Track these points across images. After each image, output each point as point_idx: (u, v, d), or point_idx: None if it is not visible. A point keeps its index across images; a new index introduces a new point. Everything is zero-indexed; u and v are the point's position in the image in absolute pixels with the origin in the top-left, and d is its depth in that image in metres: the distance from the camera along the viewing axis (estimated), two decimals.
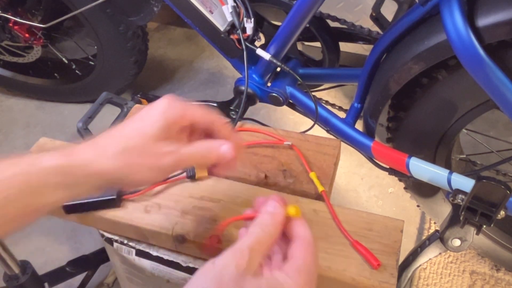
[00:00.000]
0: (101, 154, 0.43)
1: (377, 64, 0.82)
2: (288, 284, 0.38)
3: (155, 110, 0.45)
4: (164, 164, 0.45)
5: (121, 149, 0.43)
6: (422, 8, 0.70)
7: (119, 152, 0.43)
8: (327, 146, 0.70)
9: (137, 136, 0.44)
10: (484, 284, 1.09)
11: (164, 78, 1.68)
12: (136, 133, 0.44)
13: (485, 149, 1.11)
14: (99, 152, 0.43)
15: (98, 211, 0.63)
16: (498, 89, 0.65)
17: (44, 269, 0.97)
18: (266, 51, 0.90)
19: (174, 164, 0.45)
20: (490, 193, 0.55)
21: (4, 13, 1.29)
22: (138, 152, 0.43)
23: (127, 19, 1.23)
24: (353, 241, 0.58)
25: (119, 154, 0.43)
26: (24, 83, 1.58)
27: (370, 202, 1.29)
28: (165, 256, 0.64)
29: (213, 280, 0.36)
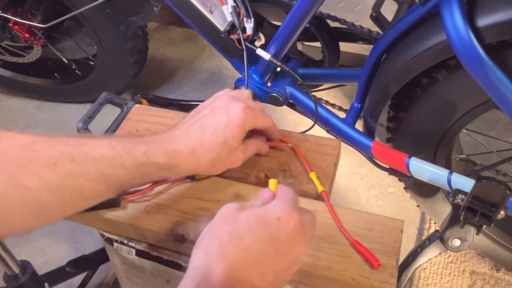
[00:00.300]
0: (199, 163, 0.57)
1: (377, 64, 0.82)
2: (275, 206, 0.47)
3: (235, 123, 0.58)
4: (237, 164, 0.61)
5: (212, 160, 0.57)
6: (422, 8, 0.70)
7: (210, 162, 0.57)
8: (327, 146, 0.70)
9: (224, 150, 0.58)
10: (484, 284, 1.09)
11: (164, 78, 1.68)
12: (224, 147, 0.58)
13: (485, 149, 1.11)
14: (197, 161, 0.57)
15: (98, 211, 0.63)
16: (498, 89, 0.65)
17: (44, 269, 0.97)
18: (266, 51, 0.90)
19: (242, 162, 0.62)
20: (490, 193, 0.55)
21: (4, 13, 1.29)
22: (223, 161, 0.59)
23: (127, 19, 1.24)
24: (353, 241, 0.58)
25: (210, 163, 0.58)
26: (24, 83, 1.57)
27: (370, 202, 1.29)
28: (165, 256, 0.64)
29: (217, 218, 0.47)
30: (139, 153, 0.53)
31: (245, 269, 0.42)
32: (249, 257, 0.43)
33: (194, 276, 0.42)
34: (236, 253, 0.43)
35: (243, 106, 0.59)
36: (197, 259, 0.43)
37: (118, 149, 0.53)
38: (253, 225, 0.44)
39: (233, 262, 0.42)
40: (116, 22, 1.27)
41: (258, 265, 0.43)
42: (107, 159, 0.52)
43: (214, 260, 0.42)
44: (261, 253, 0.43)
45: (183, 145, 0.56)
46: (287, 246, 0.45)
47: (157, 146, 0.55)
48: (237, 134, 0.58)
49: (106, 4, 1.19)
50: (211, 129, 0.57)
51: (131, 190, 0.63)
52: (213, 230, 0.45)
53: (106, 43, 1.34)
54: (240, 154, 0.60)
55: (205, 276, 0.41)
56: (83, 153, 0.51)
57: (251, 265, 0.43)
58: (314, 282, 0.58)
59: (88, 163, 0.50)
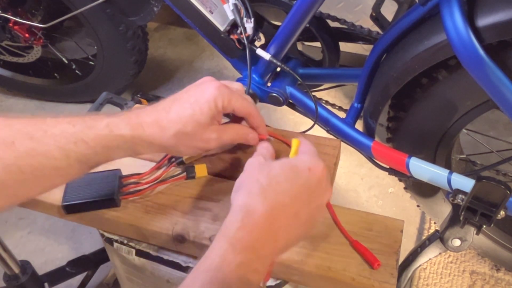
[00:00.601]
0: (163, 134, 0.54)
1: (377, 64, 0.82)
2: (304, 158, 0.53)
3: (206, 98, 0.55)
4: (209, 147, 0.58)
5: (177, 132, 0.54)
6: (422, 8, 0.70)
7: (176, 134, 0.54)
8: (327, 146, 0.70)
9: (191, 124, 0.54)
10: (484, 284, 1.09)
11: (164, 78, 1.68)
12: (191, 120, 0.54)
13: (485, 149, 1.11)
14: (162, 132, 0.54)
15: (98, 211, 0.63)
16: (498, 89, 0.65)
17: (44, 269, 0.97)
18: (266, 51, 0.90)
19: (216, 147, 0.59)
20: (490, 193, 0.55)
21: (4, 13, 1.29)
22: (191, 137, 0.55)
23: (127, 19, 1.24)
24: (353, 241, 0.58)
25: (175, 136, 0.54)
26: (24, 83, 1.58)
27: (370, 202, 1.29)
28: (165, 256, 0.64)
29: (251, 167, 0.52)
30: (101, 126, 0.52)
31: (283, 209, 0.48)
32: (286, 199, 0.48)
33: (240, 211, 0.47)
34: (275, 194, 0.48)
35: (218, 84, 0.57)
36: (241, 199, 0.48)
37: (79, 125, 0.52)
38: (288, 172, 0.50)
39: (273, 202, 0.47)
40: (116, 22, 1.27)
41: (293, 206, 0.49)
42: (67, 134, 0.50)
43: (256, 200, 0.47)
44: (296, 196, 0.49)
45: (149, 115, 0.55)
46: (316, 192, 0.51)
47: (121, 118, 0.54)
48: (206, 110, 0.55)
49: (106, 4, 1.19)
50: (180, 102, 0.56)
51: (131, 190, 0.63)
52: (252, 176, 0.50)
53: (106, 43, 1.34)
54: (212, 133, 0.57)
55: (250, 213, 0.46)
56: (42, 130, 0.50)
57: (288, 206, 0.48)
58: (314, 282, 0.58)
59: (47, 140, 0.49)
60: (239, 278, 0.43)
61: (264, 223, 0.46)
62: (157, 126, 0.54)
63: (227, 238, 0.45)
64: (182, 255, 0.63)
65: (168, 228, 0.60)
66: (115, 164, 0.67)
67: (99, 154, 0.53)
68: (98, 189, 0.62)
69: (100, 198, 0.62)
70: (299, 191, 0.50)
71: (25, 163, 0.48)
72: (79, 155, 0.51)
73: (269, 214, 0.47)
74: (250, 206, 0.47)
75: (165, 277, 0.66)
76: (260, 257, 0.45)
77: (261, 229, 0.46)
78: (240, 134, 0.61)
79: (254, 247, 0.45)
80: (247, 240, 0.45)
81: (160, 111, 0.55)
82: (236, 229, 0.45)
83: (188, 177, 0.65)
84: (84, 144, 0.51)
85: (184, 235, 0.59)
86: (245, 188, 0.49)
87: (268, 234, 0.46)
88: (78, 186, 0.63)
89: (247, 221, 0.46)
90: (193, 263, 0.63)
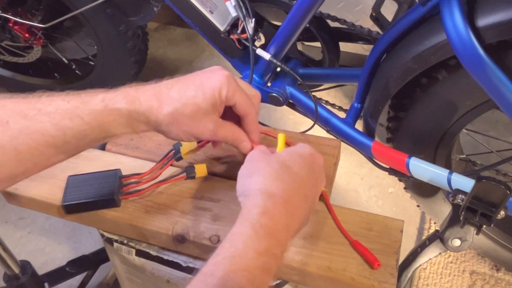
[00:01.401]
0: (160, 109, 0.52)
1: (377, 64, 0.82)
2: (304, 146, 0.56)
3: (212, 84, 0.53)
4: (202, 137, 0.55)
5: (175, 111, 0.52)
6: (422, 8, 0.70)
7: (173, 112, 0.52)
8: (327, 146, 0.70)
9: (190, 105, 0.52)
10: (484, 284, 1.09)
11: (164, 78, 1.68)
12: (191, 102, 0.52)
13: (485, 149, 1.11)
14: (159, 107, 0.52)
15: (98, 211, 0.63)
16: (498, 89, 0.65)
17: (44, 269, 0.97)
18: (266, 51, 0.90)
19: (208, 139, 0.58)
20: (490, 193, 0.55)
21: (4, 13, 1.29)
22: (187, 120, 0.52)
23: (127, 19, 1.24)
24: (353, 241, 0.58)
25: (172, 114, 0.52)
26: (24, 83, 1.58)
27: (370, 202, 1.29)
28: (165, 256, 0.64)
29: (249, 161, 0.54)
30: (96, 101, 0.51)
31: (295, 191, 0.50)
32: (298, 181, 0.51)
33: (261, 195, 0.48)
34: (289, 178, 0.50)
35: (227, 73, 0.55)
36: (260, 182, 0.49)
37: (74, 101, 0.51)
38: (295, 157, 0.53)
39: (288, 185, 0.50)
40: (116, 22, 1.27)
41: (303, 188, 0.51)
42: (62, 111, 0.49)
43: (275, 184, 0.49)
44: (304, 179, 0.52)
45: (149, 90, 0.53)
46: (319, 175, 0.55)
47: (117, 93, 0.53)
48: (209, 95, 0.52)
49: (106, 4, 1.19)
50: (185, 82, 0.54)
51: (131, 190, 0.63)
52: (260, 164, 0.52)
53: (106, 43, 1.34)
54: (209, 123, 0.54)
55: (270, 196, 0.47)
56: (37, 108, 0.49)
57: (299, 188, 0.51)
58: (314, 282, 0.58)
59: (42, 118, 0.49)
60: (262, 265, 0.43)
61: (283, 207, 0.47)
62: (156, 100, 0.52)
63: (249, 224, 0.45)
64: (182, 255, 0.63)
65: (168, 228, 0.60)
66: (115, 164, 0.67)
67: (95, 130, 0.51)
68: (98, 189, 0.62)
69: (100, 198, 0.62)
70: (307, 174, 0.52)
71: (20, 142, 0.48)
72: (75, 131, 0.50)
73: (287, 198, 0.48)
74: (270, 189, 0.48)
75: (165, 277, 0.66)
76: (280, 242, 0.46)
77: (282, 214, 0.47)
78: (235, 136, 0.58)
79: (275, 232, 0.46)
80: (270, 225, 0.45)
81: (162, 86, 0.53)
82: (258, 214, 0.45)
83: (188, 177, 0.65)
84: (79, 119, 0.50)
85: (184, 235, 0.59)
86: (259, 173, 0.50)
87: (286, 218, 0.47)
88: (78, 186, 0.63)
89: (269, 205, 0.47)
90: (193, 263, 0.63)
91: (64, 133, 0.49)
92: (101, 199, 0.62)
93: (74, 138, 0.50)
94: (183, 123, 0.53)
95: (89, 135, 0.51)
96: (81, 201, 0.62)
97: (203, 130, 0.54)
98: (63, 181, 0.64)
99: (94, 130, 0.51)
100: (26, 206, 0.68)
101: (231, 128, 0.58)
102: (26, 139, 0.48)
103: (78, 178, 0.64)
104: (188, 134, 0.54)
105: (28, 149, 0.48)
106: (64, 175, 0.65)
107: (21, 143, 0.48)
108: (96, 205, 0.62)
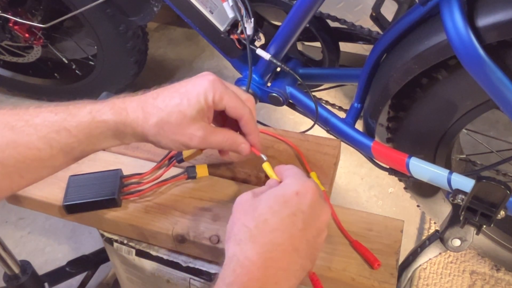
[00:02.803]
0: (146, 120, 0.51)
1: (377, 64, 0.82)
2: (289, 182, 0.48)
3: (196, 91, 0.51)
4: (191, 145, 0.53)
5: (160, 120, 0.50)
6: (422, 8, 0.70)
7: (158, 122, 0.50)
8: (327, 146, 0.70)
9: (175, 114, 0.50)
10: (484, 284, 1.09)
11: (164, 78, 1.68)
12: (176, 110, 0.50)
13: (485, 149, 1.11)
14: (145, 118, 0.51)
15: (98, 211, 0.63)
16: (498, 89, 0.65)
17: (44, 269, 0.97)
18: (266, 51, 0.90)
19: (199, 147, 0.54)
20: (490, 193, 0.55)
21: (4, 13, 1.29)
22: (173, 128, 0.51)
23: (127, 19, 1.24)
24: (353, 241, 0.58)
25: (158, 124, 0.51)
26: (24, 83, 1.58)
27: (370, 202, 1.29)
28: (165, 256, 0.64)
29: (237, 210, 0.48)
30: (84, 113, 0.50)
31: (278, 247, 0.44)
32: (278, 236, 0.44)
33: (230, 263, 0.43)
34: (264, 235, 0.44)
35: (213, 78, 0.53)
36: (231, 249, 0.45)
37: (62, 113, 0.50)
38: (274, 205, 0.46)
39: (264, 244, 0.44)
40: (116, 22, 1.27)
41: (289, 241, 0.45)
42: (49, 123, 0.49)
43: (246, 247, 0.44)
44: (289, 230, 0.45)
45: (135, 100, 0.52)
46: (311, 216, 0.46)
47: (104, 104, 0.51)
48: (194, 102, 0.51)
49: (106, 4, 1.19)
50: (170, 91, 0.53)
51: (131, 190, 0.63)
52: (238, 220, 0.46)
53: (106, 43, 1.34)
54: (197, 131, 0.51)
55: (241, 262, 0.43)
56: (24, 120, 0.48)
57: (283, 243, 0.44)
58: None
59: (29, 130, 0.48)
60: None
61: (258, 272, 0.42)
62: (141, 111, 0.51)
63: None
64: (182, 255, 0.63)
65: (168, 228, 0.60)
66: (116, 164, 0.67)
67: (83, 143, 0.50)
68: (99, 189, 0.62)
69: (102, 198, 0.62)
70: (292, 222, 0.45)
71: (6, 155, 0.47)
72: (62, 144, 0.49)
73: (263, 260, 0.43)
74: (241, 255, 0.43)
75: (165, 277, 0.66)
76: None
77: (257, 280, 0.42)
78: (230, 141, 0.55)
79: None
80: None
81: (148, 96, 0.52)
82: (228, 285, 0.42)
83: (189, 177, 0.65)
84: (66, 132, 0.49)
85: (184, 235, 0.59)
86: (233, 235, 0.46)
87: (265, 283, 0.42)
88: (79, 186, 0.63)
89: (240, 273, 0.42)
90: (193, 263, 0.63)
91: (51, 146, 0.49)
92: (102, 199, 0.62)
93: (61, 151, 0.50)
94: (170, 132, 0.51)
95: (76, 148, 0.51)
96: (82, 201, 0.62)
97: (191, 138, 0.52)
98: (63, 181, 0.64)
99: (82, 143, 0.50)
100: (26, 206, 0.68)
101: (224, 133, 0.55)
102: (13, 152, 0.47)
103: (79, 178, 0.64)
104: (176, 142, 0.52)
105: (14, 162, 0.48)
106: (64, 175, 0.65)
107: (8, 156, 0.47)
108: (97, 205, 0.62)
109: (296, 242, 0.45)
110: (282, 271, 0.44)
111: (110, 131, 0.51)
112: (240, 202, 0.49)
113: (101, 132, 0.50)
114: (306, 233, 0.46)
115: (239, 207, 0.49)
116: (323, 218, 0.48)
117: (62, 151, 0.50)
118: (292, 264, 0.44)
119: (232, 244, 0.45)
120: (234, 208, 0.49)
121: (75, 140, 0.50)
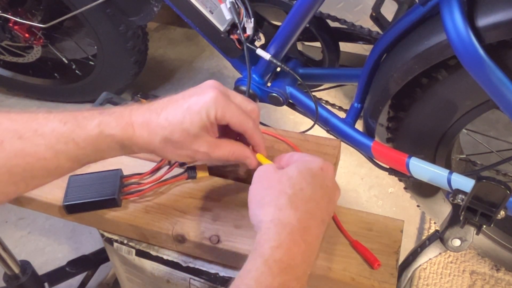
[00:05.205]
0: (150, 138, 0.52)
1: (377, 64, 0.82)
2: (312, 159, 0.52)
3: (199, 107, 0.51)
4: (197, 159, 0.55)
5: (164, 139, 0.52)
6: (422, 8, 0.70)
7: (163, 140, 0.52)
8: (327, 146, 0.70)
9: (179, 132, 0.51)
10: (484, 284, 1.10)
11: (164, 78, 1.68)
12: (179, 128, 0.51)
13: (485, 149, 1.11)
14: (149, 136, 0.52)
15: (98, 211, 0.63)
16: (498, 89, 0.65)
17: (44, 269, 0.97)
18: (266, 51, 0.90)
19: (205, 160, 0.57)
20: (490, 193, 0.55)
21: (4, 13, 1.29)
22: (177, 145, 0.52)
23: (127, 19, 1.24)
24: (353, 241, 0.58)
25: (163, 141, 0.52)
26: (24, 83, 1.57)
27: (370, 202, 1.29)
28: (165, 256, 0.64)
29: (258, 182, 0.51)
30: (92, 126, 0.50)
31: (312, 217, 0.47)
32: (313, 206, 0.48)
33: (274, 227, 0.45)
34: (302, 203, 0.47)
35: (216, 93, 0.52)
36: (271, 213, 0.46)
37: (70, 123, 0.50)
38: (307, 176, 0.49)
39: (303, 212, 0.47)
40: (116, 22, 1.27)
41: (319, 213, 0.48)
42: (58, 134, 0.49)
43: (288, 213, 0.46)
44: (319, 200, 0.49)
45: (141, 115, 0.52)
46: (332, 190, 0.52)
47: (112, 117, 0.52)
48: (196, 120, 0.51)
49: (106, 4, 1.19)
50: (173, 106, 0.52)
51: (132, 190, 0.63)
52: (272, 187, 0.49)
53: (106, 43, 1.34)
54: (201, 146, 0.53)
55: (284, 227, 0.45)
56: (33, 129, 0.49)
57: (316, 213, 0.48)
58: (314, 282, 0.58)
59: (37, 140, 0.48)
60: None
61: (300, 238, 0.45)
62: (146, 129, 0.52)
63: (263, 259, 0.42)
64: (182, 255, 0.63)
65: (168, 228, 0.60)
66: (116, 164, 0.67)
67: (90, 155, 0.52)
68: (99, 189, 0.62)
69: (102, 198, 0.62)
70: (321, 194, 0.49)
71: (14, 164, 0.48)
72: (70, 155, 0.50)
73: (303, 227, 0.45)
74: (284, 220, 0.45)
75: (165, 277, 0.66)
76: (297, 277, 0.44)
77: (298, 246, 0.44)
78: (236, 154, 0.56)
79: (292, 266, 0.43)
80: (285, 260, 0.43)
81: (152, 112, 0.52)
82: (272, 249, 0.43)
83: (189, 177, 0.65)
84: (74, 144, 0.50)
85: (184, 235, 0.59)
86: (270, 201, 0.47)
87: (304, 250, 0.45)
88: (79, 186, 0.63)
89: (284, 238, 0.44)
90: (193, 263, 0.63)
91: (58, 157, 0.50)
92: (102, 199, 0.62)
93: (68, 161, 0.51)
94: (174, 148, 0.53)
95: (82, 160, 0.52)
96: (82, 201, 0.62)
97: (196, 153, 0.53)
98: (63, 181, 0.64)
99: (89, 155, 0.52)
100: (26, 206, 0.68)
101: (229, 147, 0.55)
102: (20, 161, 0.48)
103: (79, 178, 0.64)
104: (182, 156, 0.54)
105: (21, 171, 0.48)
106: None
107: (15, 165, 0.48)
108: (97, 205, 0.62)
109: (324, 212, 0.49)
110: (316, 239, 0.47)
111: (118, 145, 0.52)
112: (265, 172, 0.52)
113: (109, 146, 0.52)
114: (329, 206, 0.50)
115: (267, 176, 0.51)
116: (337, 194, 0.53)
117: (69, 161, 0.51)
118: (320, 234, 0.48)
119: (271, 210, 0.47)
120: (258, 178, 0.51)
121: (82, 152, 0.51)
